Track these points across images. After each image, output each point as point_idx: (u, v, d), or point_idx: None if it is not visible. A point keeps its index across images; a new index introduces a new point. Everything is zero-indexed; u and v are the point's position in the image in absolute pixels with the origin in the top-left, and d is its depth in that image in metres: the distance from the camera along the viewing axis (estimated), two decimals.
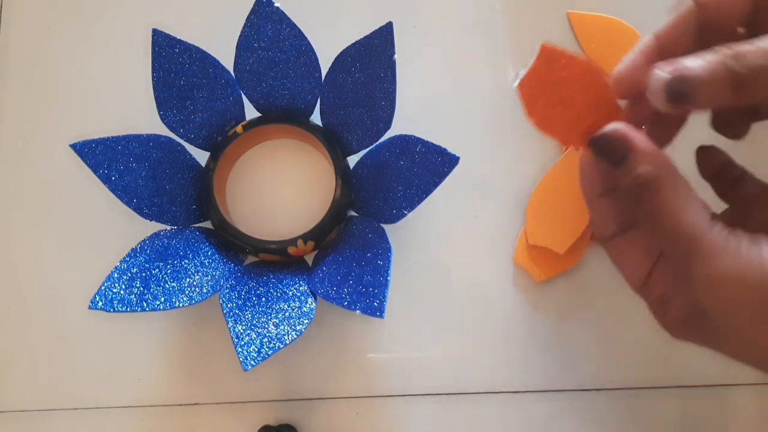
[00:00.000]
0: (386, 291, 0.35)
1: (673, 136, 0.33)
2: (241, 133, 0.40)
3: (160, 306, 0.35)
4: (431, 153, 0.37)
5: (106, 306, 0.34)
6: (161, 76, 0.38)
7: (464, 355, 0.41)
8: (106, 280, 0.35)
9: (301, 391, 0.40)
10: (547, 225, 0.41)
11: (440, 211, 0.42)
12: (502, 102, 0.44)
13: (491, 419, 0.40)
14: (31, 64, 0.45)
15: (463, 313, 0.41)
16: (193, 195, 0.40)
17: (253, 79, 0.40)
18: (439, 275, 0.41)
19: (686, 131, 0.33)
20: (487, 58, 0.45)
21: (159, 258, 0.37)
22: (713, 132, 0.33)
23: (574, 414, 0.40)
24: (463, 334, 0.41)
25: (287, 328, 0.36)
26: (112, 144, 0.37)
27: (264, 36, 0.39)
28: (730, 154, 0.33)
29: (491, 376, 0.40)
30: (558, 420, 0.40)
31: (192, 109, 0.40)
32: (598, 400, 0.40)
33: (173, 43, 0.38)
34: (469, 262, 0.42)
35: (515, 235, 0.42)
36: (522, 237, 0.42)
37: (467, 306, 0.41)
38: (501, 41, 0.45)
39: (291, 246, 0.38)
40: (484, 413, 0.40)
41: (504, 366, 0.40)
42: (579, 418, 0.40)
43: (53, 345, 0.41)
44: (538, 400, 0.40)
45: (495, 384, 0.40)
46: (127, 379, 0.40)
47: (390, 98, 0.38)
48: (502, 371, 0.40)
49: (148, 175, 0.38)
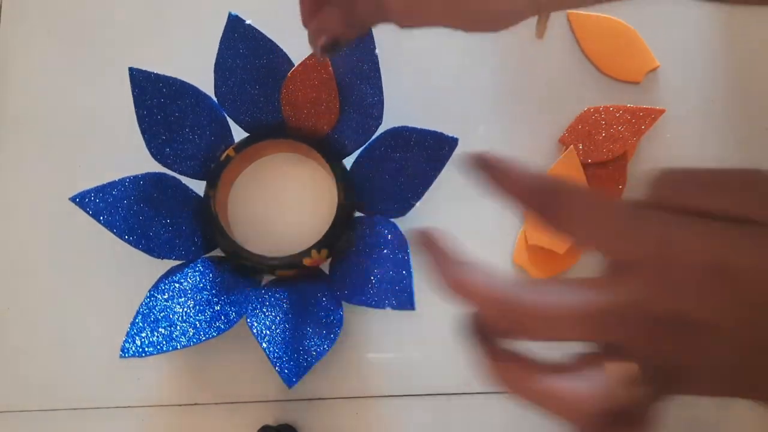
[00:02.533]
0: (412, 283, 0.35)
1: None
2: (233, 156, 0.40)
3: (191, 341, 0.34)
4: (427, 139, 0.37)
5: (138, 353, 0.34)
6: (145, 114, 0.38)
7: (464, 355, 0.40)
8: (131, 326, 0.34)
9: (301, 391, 0.39)
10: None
11: (440, 211, 0.42)
12: (502, 102, 0.44)
13: (491, 419, 0.40)
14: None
15: (462, 313, 0.41)
16: (197, 226, 0.40)
17: (235, 100, 0.40)
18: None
19: None
20: (486, 58, 0.44)
21: (179, 294, 0.36)
22: None
23: None
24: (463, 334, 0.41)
25: (321, 339, 0.36)
26: (108, 189, 0.37)
27: (240, 55, 0.39)
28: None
29: None
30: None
31: (180, 141, 0.39)
32: None
33: (152, 79, 0.38)
34: None
35: (515, 235, 0.42)
36: (522, 237, 0.42)
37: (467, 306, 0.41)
38: (501, 41, 0.44)
39: (306, 257, 0.38)
40: (484, 413, 0.40)
41: None
42: None
43: (53, 345, 0.40)
44: None
45: (495, 384, 0.40)
46: (127, 379, 0.40)
47: (378, 92, 0.38)
48: None
49: (150, 215, 0.38)
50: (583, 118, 0.42)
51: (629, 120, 0.42)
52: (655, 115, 0.42)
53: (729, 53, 0.44)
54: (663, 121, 0.42)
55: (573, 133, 0.42)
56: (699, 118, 0.43)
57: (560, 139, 0.43)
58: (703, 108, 0.43)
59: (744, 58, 0.44)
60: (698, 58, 0.44)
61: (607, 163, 0.42)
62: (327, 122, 0.40)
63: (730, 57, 0.44)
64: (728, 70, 0.44)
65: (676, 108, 0.43)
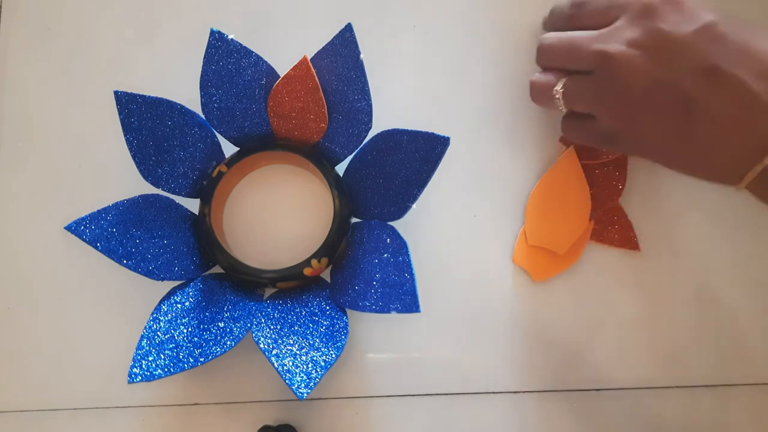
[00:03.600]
0: (415, 285, 0.35)
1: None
2: (225, 172, 0.40)
3: (198, 361, 0.34)
4: (419, 140, 0.37)
5: (146, 377, 0.33)
6: (133, 136, 0.38)
7: (464, 355, 0.41)
8: (138, 350, 0.34)
9: None
10: (546, 225, 0.41)
11: (440, 211, 0.42)
12: (501, 102, 0.44)
13: (491, 419, 0.40)
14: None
15: (462, 313, 0.41)
16: (194, 244, 0.39)
17: (223, 115, 0.40)
18: (439, 275, 0.41)
19: None
20: (486, 58, 0.44)
21: (182, 315, 0.36)
22: None
23: (574, 414, 0.40)
24: (462, 334, 0.41)
25: (328, 348, 0.35)
26: (103, 215, 0.36)
27: (224, 70, 0.39)
28: None
29: (491, 376, 0.40)
30: (558, 420, 0.40)
31: (171, 161, 0.39)
32: (598, 400, 0.40)
33: (137, 100, 0.37)
34: (469, 262, 0.42)
35: (515, 235, 0.42)
36: (522, 237, 0.42)
37: (467, 306, 0.41)
38: (501, 41, 0.45)
39: (306, 267, 0.38)
40: (484, 413, 0.40)
41: (504, 366, 0.40)
42: (579, 418, 0.40)
43: (53, 345, 0.40)
44: (538, 400, 0.40)
45: (495, 384, 0.40)
46: (127, 379, 0.39)
47: (365, 97, 0.38)
48: (502, 371, 0.40)
49: (146, 237, 0.37)
50: None
51: None
52: None
53: None
54: None
55: None
56: None
57: (560, 139, 0.43)
58: None
59: None
60: None
61: (607, 163, 0.42)
62: (316, 131, 0.40)
63: None
64: None
65: None
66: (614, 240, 0.41)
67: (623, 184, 0.42)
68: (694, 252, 0.42)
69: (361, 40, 0.38)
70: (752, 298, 0.41)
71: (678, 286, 0.42)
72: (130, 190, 0.38)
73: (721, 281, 0.42)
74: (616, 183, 0.42)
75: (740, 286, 0.42)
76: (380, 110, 0.40)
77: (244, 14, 0.45)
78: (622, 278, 0.42)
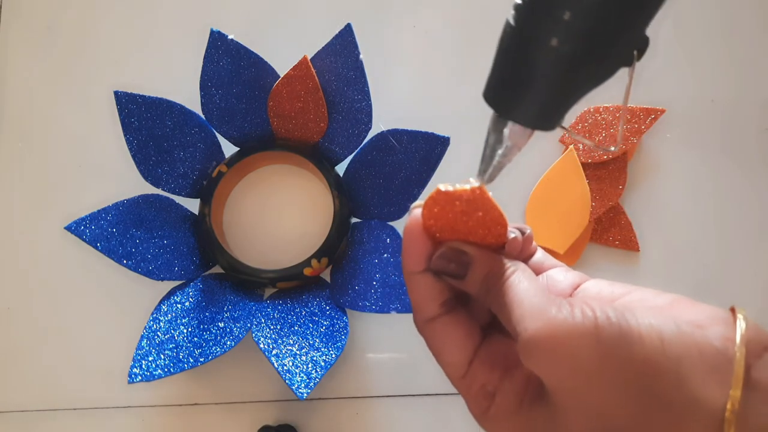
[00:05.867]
0: None
1: None
2: (225, 172, 0.40)
3: (198, 362, 0.34)
4: (419, 140, 0.37)
5: (146, 377, 0.33)
6: (133, 136, 0.38)
7: None
8: (138, 350, 0.34)
9: None
10: (546, 225, 0.41)
11: None
12: None
13: None
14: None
15: None
16: (194, 244, 0.39)
17: (222, 115, 0.40)
18: None
19: None
20: (486, 58, 0.44)
21: (182, 315, 0.36)
22: None
23: None
24: None
25: (328, 348, 0.35)
26: (103, 215, 0.36)
27: (224, 70, 0.39)
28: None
29: None
30: None
31: (171, 161, 0.39)
32: None
33: (137, 100, 0.37)
34: None
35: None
36: None
37: None
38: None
39: (306, 267, 0.38)
40: None
41: None
42: None
43: (53, 345, 0.40)
44: None
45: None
46: (127, 379, 0.40)
47: (365, 97, 0.38)
48: None
49: (146, 237, 0.38)
50: (584, 118, 0.43)
51: (629, 120, 0.42)
52: (655, 114, 0.42)
53: (729, 53, 0.45)
54: (663, 120, 0.43)
55: None
56: (699, 118, 0.44)
57: (560, 139, 0.43)
58: (703, 108, 0.44)
59: (744, 58, 0.44)
60: (698, 58, 0.44)
61: (607, 163, 0.42)
62: (316, 131, 0.40)
63: (731, 57, 0.45)
64: (728, 70, 0.44)
65: (676, 108, 0.43)
66: (614, 240, 0.41)
67: (623, 184, 0.42)
68: (694, 252, 0.42)
69: (361, 40, 0.38)
70: (752, 298, 0.41)
71: (678, 286, 0.41)
72: (130, 190, 0.38)
73: (721, 281, 0.42)
74: (616, 183, 0.42)
75: (740, 287, 0.42)
76: (380, 110, 0.40)
77: (245, 14, 0.45)
78: (622, 278, 0.42)
